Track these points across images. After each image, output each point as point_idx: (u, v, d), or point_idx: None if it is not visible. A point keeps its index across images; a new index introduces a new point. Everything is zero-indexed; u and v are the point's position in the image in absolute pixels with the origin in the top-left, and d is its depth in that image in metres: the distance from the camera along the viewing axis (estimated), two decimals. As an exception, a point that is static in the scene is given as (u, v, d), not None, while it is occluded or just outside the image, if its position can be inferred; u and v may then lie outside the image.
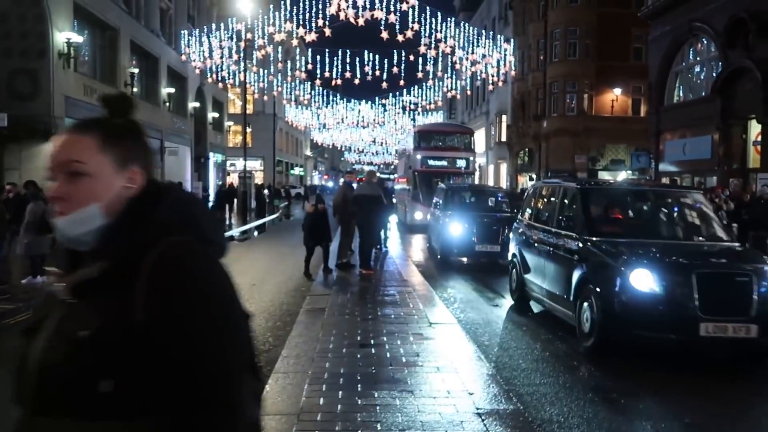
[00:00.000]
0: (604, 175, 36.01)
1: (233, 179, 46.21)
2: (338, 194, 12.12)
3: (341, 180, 20.94)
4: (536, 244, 8.58)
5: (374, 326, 7.06)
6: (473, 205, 15.75)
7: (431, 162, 25.18)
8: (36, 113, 20.47)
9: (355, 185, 12.98)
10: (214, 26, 32.50)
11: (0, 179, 20.11)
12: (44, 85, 20.64)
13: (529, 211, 9.67)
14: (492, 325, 8.33)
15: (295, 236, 21.00)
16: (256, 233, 23.77)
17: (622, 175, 34.53)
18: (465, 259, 14.50)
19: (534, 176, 40.27)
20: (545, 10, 38.18)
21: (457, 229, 13.58)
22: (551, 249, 7.94)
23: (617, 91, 35.92)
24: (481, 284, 11.68)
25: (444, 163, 25.33)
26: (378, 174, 16.23)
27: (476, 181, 31.50)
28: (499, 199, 16.37)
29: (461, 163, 25.52)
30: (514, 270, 9.48)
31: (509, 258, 9.93)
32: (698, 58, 20.51)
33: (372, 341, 6.36)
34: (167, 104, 33.31)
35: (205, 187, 38.51)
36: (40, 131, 20.21)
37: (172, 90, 33.48)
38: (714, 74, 18.99)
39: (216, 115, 43.66)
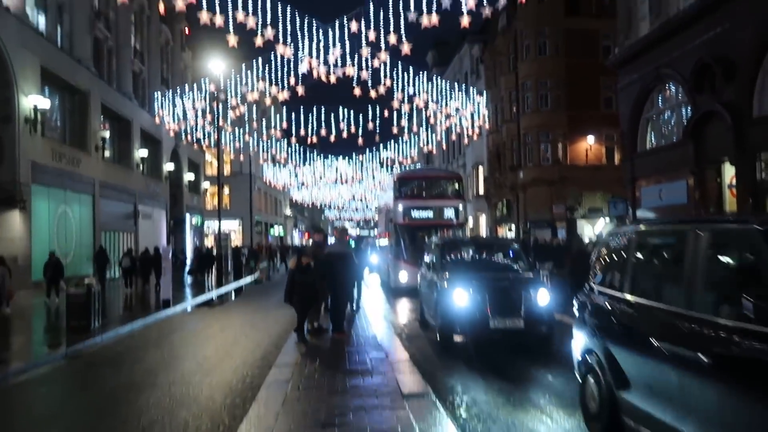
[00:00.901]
0: (582, 224, 35.94)
1: (210, 241, 45.49)
2: (307, 252, 11.61)
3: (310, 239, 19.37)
4: (654, 340, 4.64)
5: (342, 401, 6.47)
6: (478, 264, 12.45)
7: (415, 213, 22.43)
8: (1, 180, 19.92)
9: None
10: (187, 87, 32.50)
11: (-38, 249, 19.39)
12: (9, 152, 20.17)
13: (616, 275, 5.75)
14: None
15: (270, 298, 20.44)
16: (233, 296, 23.06)
17: (600, 223, 34.47)
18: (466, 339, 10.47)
19: (513, 227, 40.14)
20: (515, 62, 38.86)
21: (461, 297, 9.89)
22: (701, 354, 4.01)
23: (590, 139, 36.28)
24: (504, 381, 7.89)
25: (429, 214, 22.45)
26: (356, 231, 15.64)
27: (468, 234, 27.98)
28: (512, 254, 12.84)
29: (450, 214, 22.47)
30: (593, 379, 5.62)
31: (578, 356, 6.09)
32: (667, 104, 20.66)
33: (336, 419, 5.77)
34: (141, 167, 32.91)
35: (182, 250, 37.76)
36: (3, 199, 19.62)
37: (145, 153, 33.17)
38: (684, 119, 19.07)
39: (192, 176, 43.33)
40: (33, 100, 20.71)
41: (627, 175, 22.82)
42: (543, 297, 9.96)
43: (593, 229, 35.87)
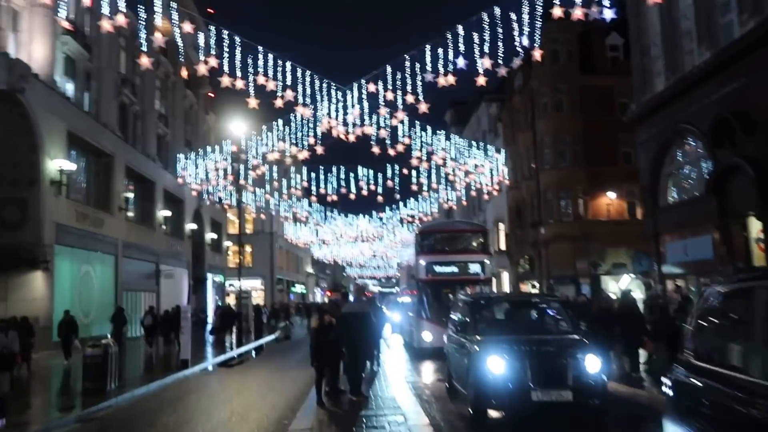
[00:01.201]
0: (606, 280, 35.31)
1: (232, 300, 45.47)
2: (326, 312, 11.45)
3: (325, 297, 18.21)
4: None
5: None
6: (516, 325, 10.92)
7: (438, 269, 21.49)
8: (25, 241, 20.22)
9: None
10: (210, 148, 33.14)
11: (-16, 311, 19.54)
12: (34, 213, 20.55)
13: (732, 349, 4.31)
14: None
15: (290, 358, 20.21)
16: (253, 355, 22.84)
17: (626, 279, 33.84)
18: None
19: (536, 284, 39.57)
20: (533, 120, 39.15)
21: (497, 365, 8.57)
22: None
23: (611, 195, 36.04)
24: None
25: (454, 269, 21.47)
26: (377, 288, 15.39)
27: (494, 290, 26.20)
28: (555, 314, 11.13)
29: (475, 269, 21.44)
30: None
31: None
32: (688, 159, 20.51)
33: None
34: (164, 227, 33.30)
35: (203, 309, 37.73)
36: (27, 260, 19.87)
37: (168, 213, 33.62)
38: (705, 174, 18.87)
39: (214, 236, 43.72)
40: (59, 164, 21.22)
41: (650, 231, 22.49)
42: (593, 364, 8.68)
43: (618, 285, 35.20)
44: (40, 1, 16.51)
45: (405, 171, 32.46)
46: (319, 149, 25.17)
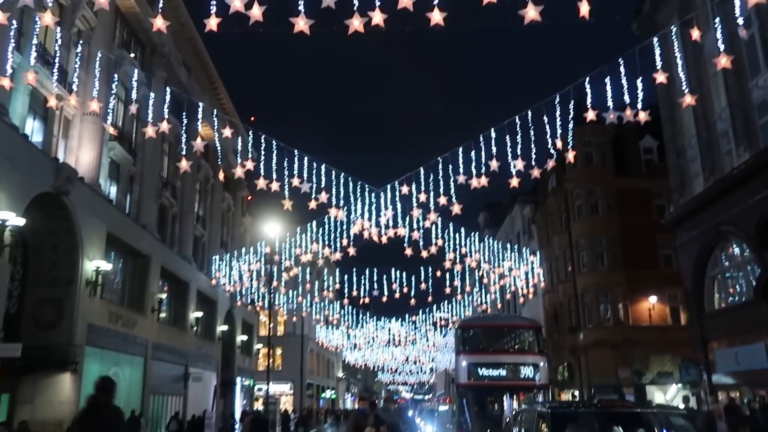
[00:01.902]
0: (652, 390, 33.46)
1: (260, 404, 44.27)
2: (350, 424, 10.82)
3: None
4: None
5: None
6: None
7: (483, 371, 18.67)
8: (57, 342, 20.12)
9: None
10: (245, 250, 33.46)
11: (11, 414, 19.19)
12: (68, 314, 20.56)
13: None
14: None
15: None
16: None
17: (673, 390, 32.01)
18: None
19: (576, 393, 37.67)
20: (568, 222, 38.80)
21: None
22: None
23: (653, 299, 34.83)
24: None
25: (502, 372, 18.70)
26: (409, 395, 14.53)
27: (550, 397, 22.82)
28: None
29: (527, 372, 18.56)
30: None
31: None
32: (733, 262, 19.80)
33: None
34: (195, 328, 33.09)
35: (231, 414, 36.67)
36: (56, 361, 19.68)
37: (200, 314, 33.50)
38: (753, 277, 18.10)
39: (245, 338, 43.26)
40: (96, 264, 21.47)
41: (696, 337, 21.42)
42: None
43: (665, 395, 33.26)
44: (90, 109, 17.31)
45: (438, 273, 32.14)
46: (352, 251, 25.16)
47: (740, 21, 12.91)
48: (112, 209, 24.03)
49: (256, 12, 10.12)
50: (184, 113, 22.76)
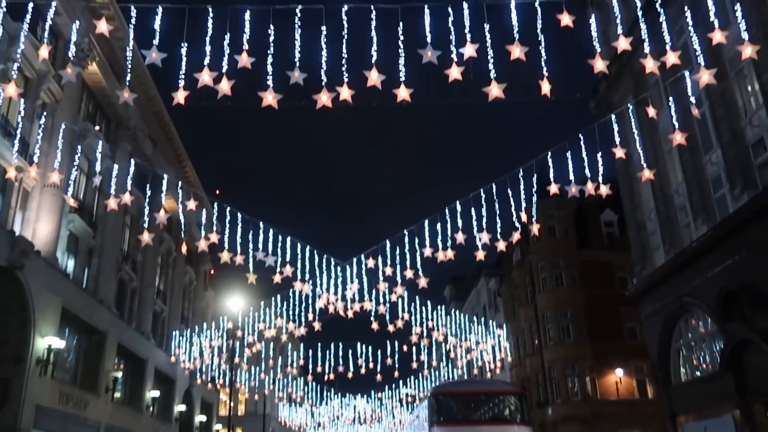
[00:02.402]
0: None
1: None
2: None
3: None
4: None
5: None
6: None
7: None
8: (0, 425, 18.89)
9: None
10: (206, 325, 32.54)
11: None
12: (15, 395, 19.41)
13: None
14: None
15: None
16: None
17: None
18: None
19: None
20: (533, 295, 38.96)
21: None
22: None
23: (619, 372, 34.74)
24: None
25: None
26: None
27: None
28: None
29: None
30: None
31: None
32: (697, 334, 19.93)
33: None
34: (151, 409, 31.56)
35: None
36: (-1, 446, 18.43)
37: (157, 393, 32.05)
38: (717, 349, 18.20)
39: (204, 418, 41.39)
40: (48, 341, 20.50)
41: (665, 410, 21.23)
42: None
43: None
44: (50, 181, 16.98)
45: (405, 348, 31.66)
46: (317, 325, 24.68)
47: (692, 99, 13.52)
48: (68, 283, 23.22)
49: (225, 86, 10.20)
50: (148, 185, 22.53)
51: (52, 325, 21.24)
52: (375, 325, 24.34)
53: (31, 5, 12.54)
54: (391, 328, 24.95)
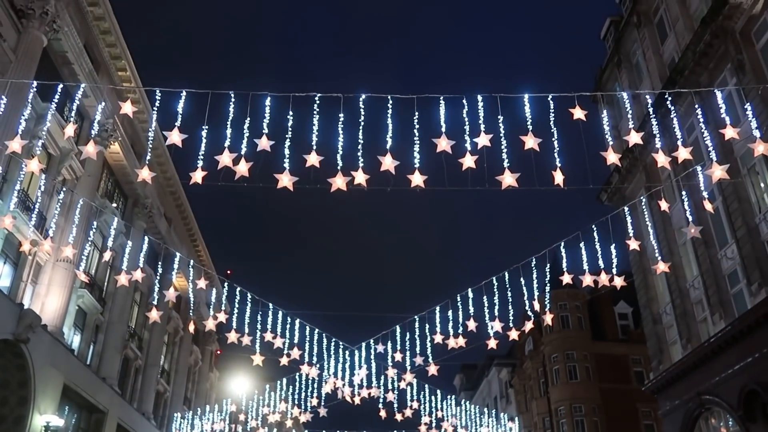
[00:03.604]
0: None
1: None
2: None
3: None
4: None
5: None
6: None
7: None
8: None
9: None
10: (208, 407, 31.69)
11: None
12: (8, 475, 18.74)
13: None
14: None
15: None
16: None
17: None
18: None
19: None
20: (546, 387, 37.80)
21: None
22: None
23: (637, 473, 33.10)
24: None
25: None
26: None
27: None
28: None
29: None
30: None
31: None
32: (718, 434, 19.09)
33: None
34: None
35: None
36: None
37: (154, 478, 30.86)
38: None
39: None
40: (46, 419, 19.97)
41: None
42: None
43: None
44: (63, 255, 17.07)
45: (413, 440, 30.51)
46: (323, 411, 23.95)
47: (705, 194, 13.54)
48: (72, 359, 22.87)
49: (243, 168, 10.37)
50: (160, 263, 22.55)
51: (51, 402, 20.76)
52: (383, 413, 23.60)
53: (60, 87, 13.02)
54: (399, 416, 24.15)
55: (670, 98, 12.20)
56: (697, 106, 13.40)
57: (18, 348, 18.94)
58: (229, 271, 42.21)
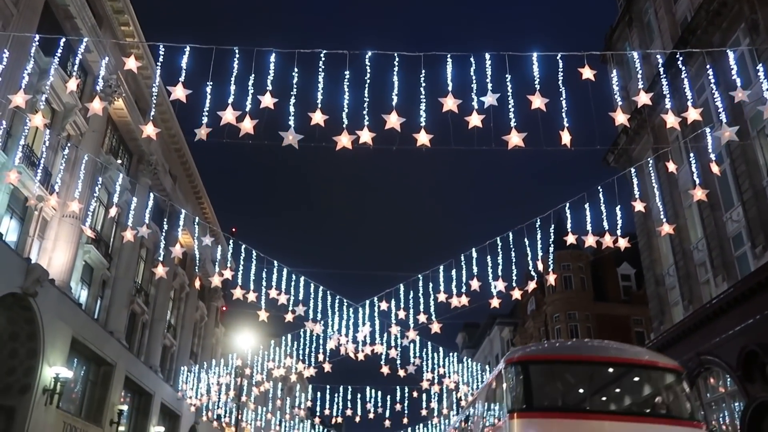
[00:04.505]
0: None
1: None
2: None
3: None
4: None
5: None
6: None
7: None
8: (3, 455, 18.69)
9: None
10: (214, 362, 32.27)
11: None
12: (19, 424, 19.20)
13: None
14: None
15: None
16: None
17: None
18: None
19: None
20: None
21: None
22: None
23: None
24: None
25: None
26: None
27: None
28: None
29: None
30: None
31: None
32: (716, 393, 19.37)
33: None
34: (154, 445, 31.12)
35: None
36: (0, 477, 18.17)
37: (162, 429, 31.63)
38: (737, 410, 17.64)
39: (207, 456, 40.71)
40: (56, 371, 20.38)
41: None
42: None
43: None
44: (69, 210, 17.15)
45: (415, 394, 31.09)
46: (327, 367, 24.37)
47: (713, 156, 13.42)
48: (80, 313, 23.21)
49: (248, 125, 10.30)
50: (165, 220, 22.68)
51: (60, 355, 21.16)
52: (385, 369, 23.99)
53: (63, 41, 12.86)
54: (401, 372, 24.56)
55: (681, 58, 11.98)
56: (708, 66, 13.18)
57: (26, 301, 19.21)
58: (233, 229, 42.37)
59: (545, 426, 9.56)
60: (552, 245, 16.11)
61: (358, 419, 33.21)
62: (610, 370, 10.43)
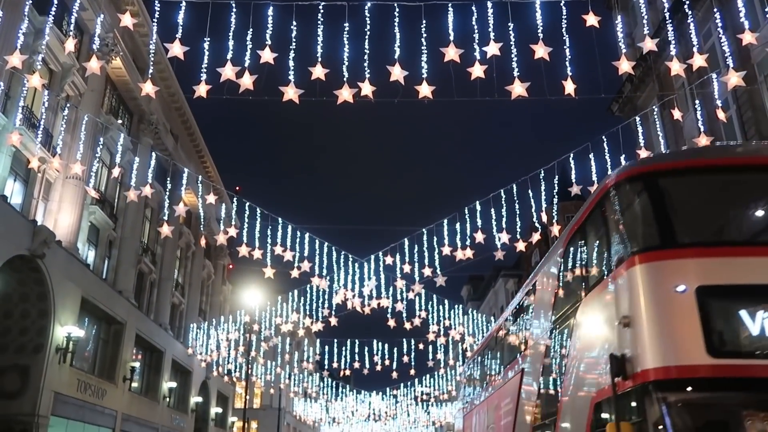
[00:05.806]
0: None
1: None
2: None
3: None
4: None
5: None
6: None
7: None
8: (20, 412, 19.15)
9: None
10: (223, 319, 32.76)
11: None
12: (34, 382, 19.65)
13: None
14: None
15: None
16: None
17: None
18: None
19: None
20: (551, 297, 38.61)
21: None
22: None
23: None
24: None
25: None
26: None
27: None
28: None
29: None
30: None
31: None
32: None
33: None
34: (167, 400, 31.85)
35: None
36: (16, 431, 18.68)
37: (174, 384, 32.34)
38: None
39: (219, 410, 41.69)
40: (68, 330, 20.73)
41: None
42: None
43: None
44: (72, 172, 17.14)
45: (421, 346, 31.60)
46: (334, 321, 24.71)
47: (719, 103, 13.26)
48: (88, 274, 23.46)
49: (247, 81, 10.19)
50: (168, 179, 22.66)
51: (71, 314, 21.48)
52: (392, 323, 24.32)
53: (56, -2, 12.63)
54: (407, 325, 24.89)
55: (687, 2, 11.71)
56: (715, 9, 12.90)
57: (34, 263, 19.40)
58: (238, 188, 42.40)
59: (702, 269, 5.28)
60: (556, 196, 16.06)
61: (365, 372, 33.90)
62: None
